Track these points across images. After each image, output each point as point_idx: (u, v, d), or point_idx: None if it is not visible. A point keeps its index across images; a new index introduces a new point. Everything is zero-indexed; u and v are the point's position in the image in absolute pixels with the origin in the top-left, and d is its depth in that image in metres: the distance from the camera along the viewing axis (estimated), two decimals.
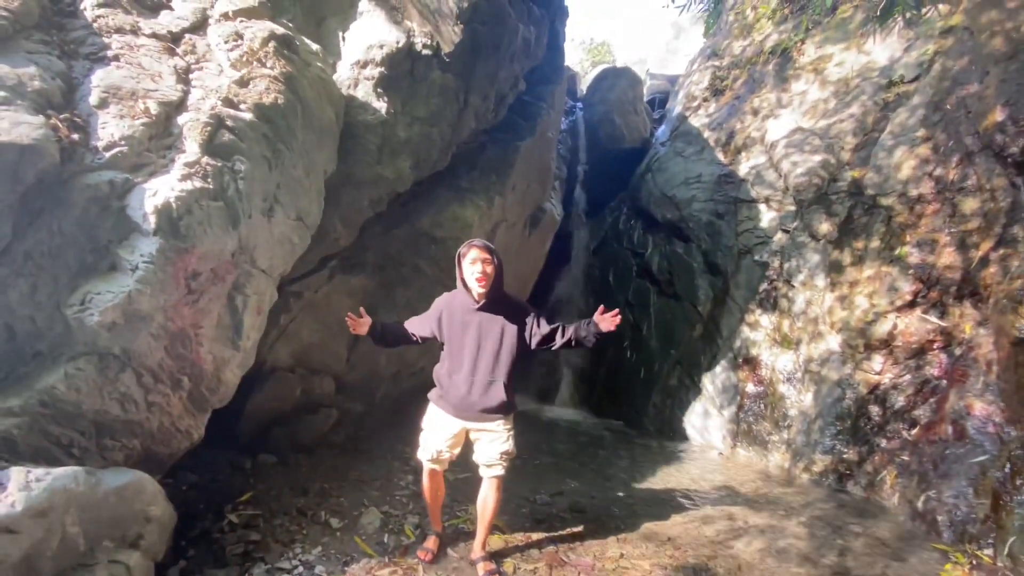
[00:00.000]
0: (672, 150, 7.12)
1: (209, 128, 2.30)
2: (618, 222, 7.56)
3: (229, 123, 2.38)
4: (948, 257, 4.15)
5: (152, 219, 2.03)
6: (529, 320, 2.49)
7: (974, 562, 2.95)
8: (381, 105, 3.43)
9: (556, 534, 3.03)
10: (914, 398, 4.04)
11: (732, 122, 6.61)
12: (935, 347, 4.04)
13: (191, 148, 2.24)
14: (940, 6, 5.41)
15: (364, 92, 3.42)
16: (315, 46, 3.24)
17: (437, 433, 2.52)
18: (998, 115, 4.15)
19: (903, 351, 4.15)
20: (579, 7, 37.03)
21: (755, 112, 6.39)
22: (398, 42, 3.41)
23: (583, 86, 10.19)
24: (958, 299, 4.05)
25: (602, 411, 6.52)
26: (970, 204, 4.19)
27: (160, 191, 2.07)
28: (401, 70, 3.51)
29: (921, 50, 5.24)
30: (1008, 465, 3.21)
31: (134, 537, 2.06)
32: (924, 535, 3.37)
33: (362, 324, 2.56)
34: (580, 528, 3.16)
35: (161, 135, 2.27)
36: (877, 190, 4.69)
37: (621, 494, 3.88)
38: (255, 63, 2.70)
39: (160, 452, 2.41)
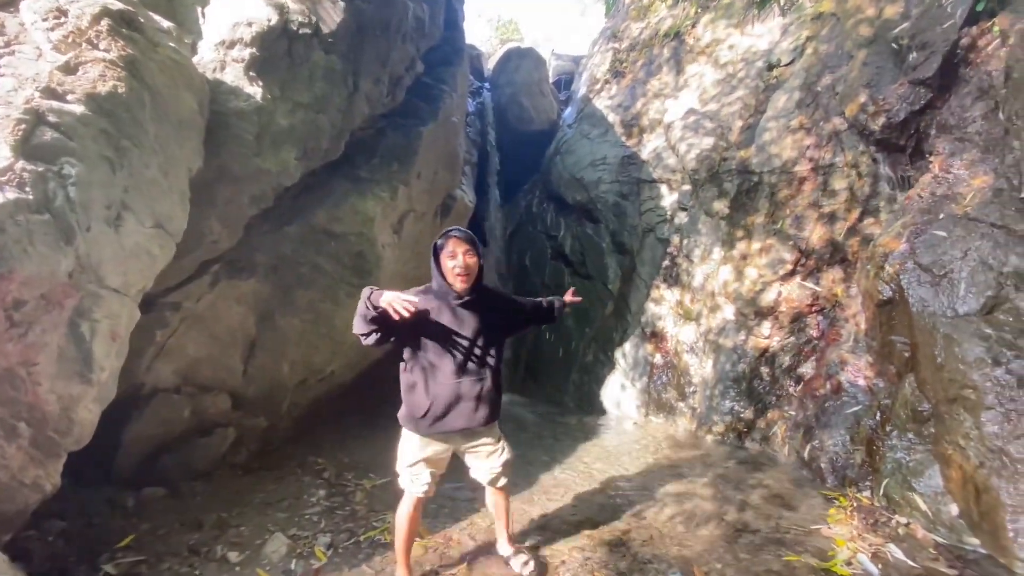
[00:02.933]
0: (578, 132, 7.20)
1: (24, 125, 1.92)
2: (532, 205, 7.57)
3: (52, 118, 2.00)
4: (821, 228, 4.56)
5: None
6: (513, 307, 2.47)
7: (855, 504, 3.31)
8: (255, 90, 3.08)
9: (477, 531, 3.01)
10: (797, 358, 4.45)
11: (633, 104, 6.79)
12: (813, 310, 4.45)
13: (1, 152, 1.85)
14: None
15: (234, 76, 3.06)
16: (166, 23, 2.82)
17: (424, 455, 2.24)
18: (861, 97, 4.57)
19: (787, 316, 4.53)
20: None
21: (654, 94, 6.60)
22: (269, 19, 3.06)
23: (491, 65, 9.99)
24: (830, 266, 4.48)
25: (526, 392, 6.60)
26: (839, 180, 4.61)
27: None
28: (276, 51, 3.17)
29: (796, 35, 5.63)
30: (878, 413, 3.62)
31: None
32: (811, 482, 3.75)
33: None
34: None
35: None
36: (761, 168, 5.03)
37: (543, 477, 3.94)
38: (85, 45, 2.29)
39: (4, 511, 2.05)
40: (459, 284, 2.14)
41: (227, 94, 3.03)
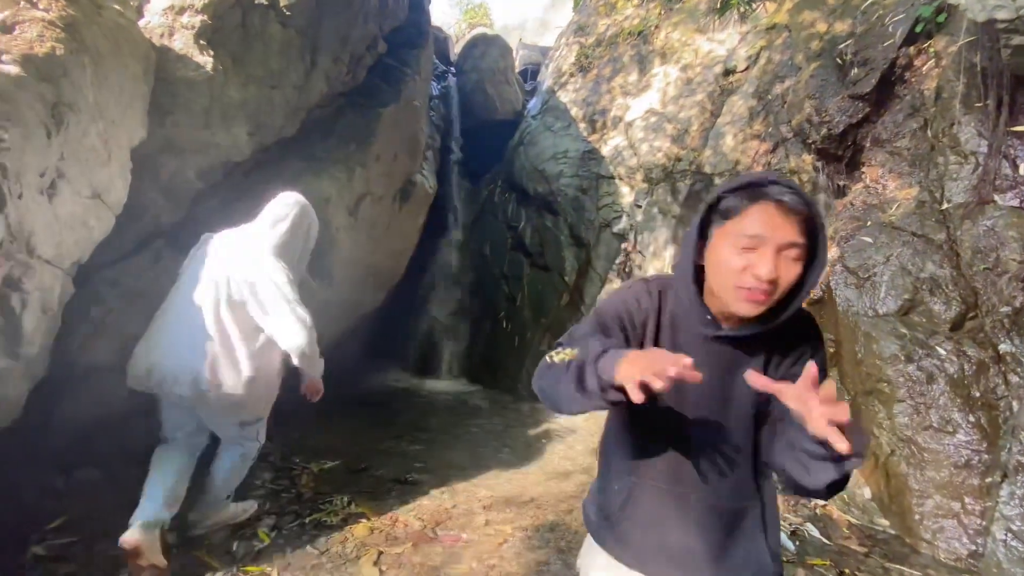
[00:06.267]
0: (542, 124, 7.25)
1: None
2: (493, 194, 7.60)
3: None
4: None
5: None
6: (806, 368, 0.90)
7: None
8: (206, 60, 2.97)
9: (424, 512, 3.06)
10: None
11: (597, 100, 6.90)
12: None
13: None
14: (767, 3, 6.09)
15: (183, 43, 2.93)
16: None
17: None
18: (806, 107, 4.83)
19: None
20: None
21: (617, 92, 6.73)
22: None
23: (458, 49, 9.86)
24: None
25: (481, 380, 6.68)
26: None
27: None
28: (230, 21, 3.06)
29: (752, 44, 5.87)
30: None
31: None
32: None
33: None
34: (450, 502, 3.23)
35: None
36: (713, 170, 5.25)
37: (492, 462, 4.03)
38: (23, 4, 2.16)
39: None
40: (743, 308, 0.99)
41: (175, 62, 2.90)
